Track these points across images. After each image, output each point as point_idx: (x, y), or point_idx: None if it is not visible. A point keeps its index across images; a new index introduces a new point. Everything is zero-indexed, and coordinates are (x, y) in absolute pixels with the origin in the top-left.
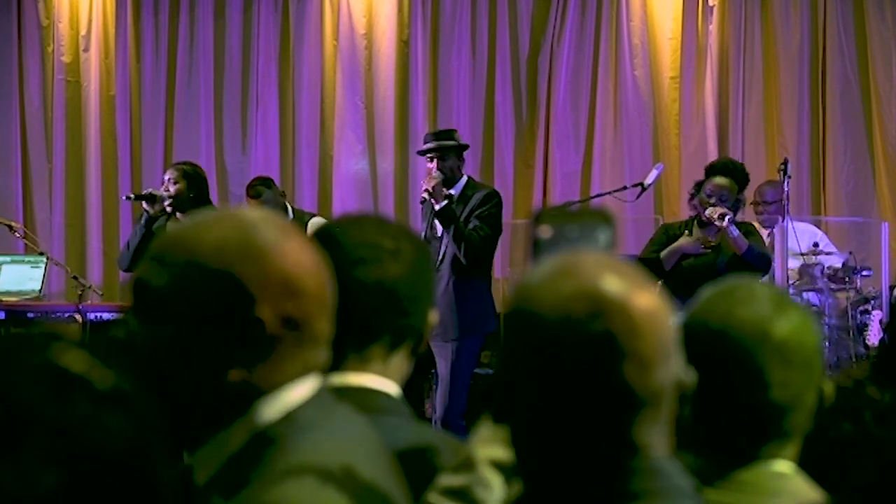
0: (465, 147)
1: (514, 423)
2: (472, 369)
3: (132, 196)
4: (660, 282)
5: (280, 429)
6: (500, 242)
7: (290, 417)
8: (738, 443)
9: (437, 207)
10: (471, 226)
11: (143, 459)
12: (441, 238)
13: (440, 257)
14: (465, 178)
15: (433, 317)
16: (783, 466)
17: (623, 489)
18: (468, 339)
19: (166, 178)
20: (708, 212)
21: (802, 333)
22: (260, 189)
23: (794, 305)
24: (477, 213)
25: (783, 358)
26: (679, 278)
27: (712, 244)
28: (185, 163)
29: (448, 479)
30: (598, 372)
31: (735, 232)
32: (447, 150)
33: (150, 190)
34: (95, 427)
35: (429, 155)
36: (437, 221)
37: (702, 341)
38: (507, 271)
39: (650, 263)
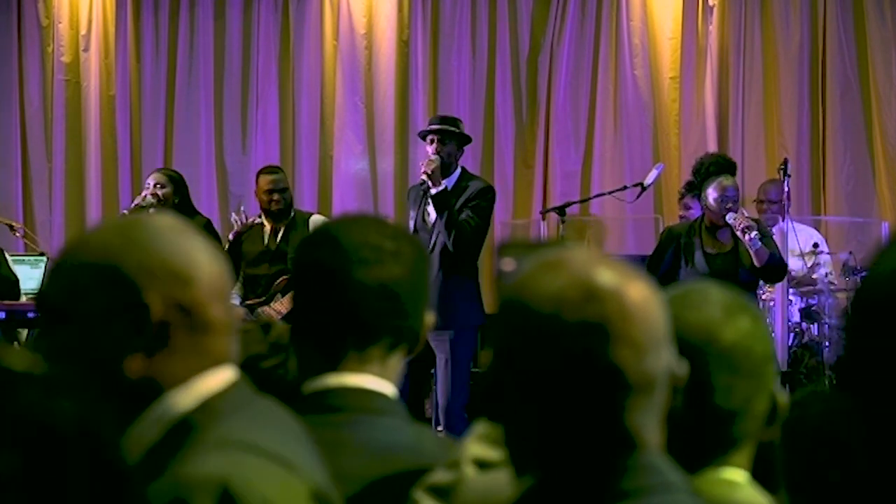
0: (468, 139)
1: (507, 417)
2: (469, 361)
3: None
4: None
5: (198, 416)
6: (499, 242)
7: (208, 406)
8: (685, 449)
9: (433, 191)
10: (463, 215)
11: (96, 437)
12: (433, 228)
13: (430, 247)
14: (459, 170)
15: (430, 318)
16: (734, 474)
17: (616, 487)
18: (463, 332)
19: (151, 182)
20: (732, 219)
21: (751, 340)
22: (275, 168)
23: (748, 311)
24: (471, 203)
25: (729, 364)
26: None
27: (728, 249)
28: (168, 169)
29: (435, 477)
30: (590, 356)
31: (757, 244)
32: (449, 134)
33: (134, 204)
34: (46, 409)
35: (429, 137)
36: (429, 210)
37: None
38: None
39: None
